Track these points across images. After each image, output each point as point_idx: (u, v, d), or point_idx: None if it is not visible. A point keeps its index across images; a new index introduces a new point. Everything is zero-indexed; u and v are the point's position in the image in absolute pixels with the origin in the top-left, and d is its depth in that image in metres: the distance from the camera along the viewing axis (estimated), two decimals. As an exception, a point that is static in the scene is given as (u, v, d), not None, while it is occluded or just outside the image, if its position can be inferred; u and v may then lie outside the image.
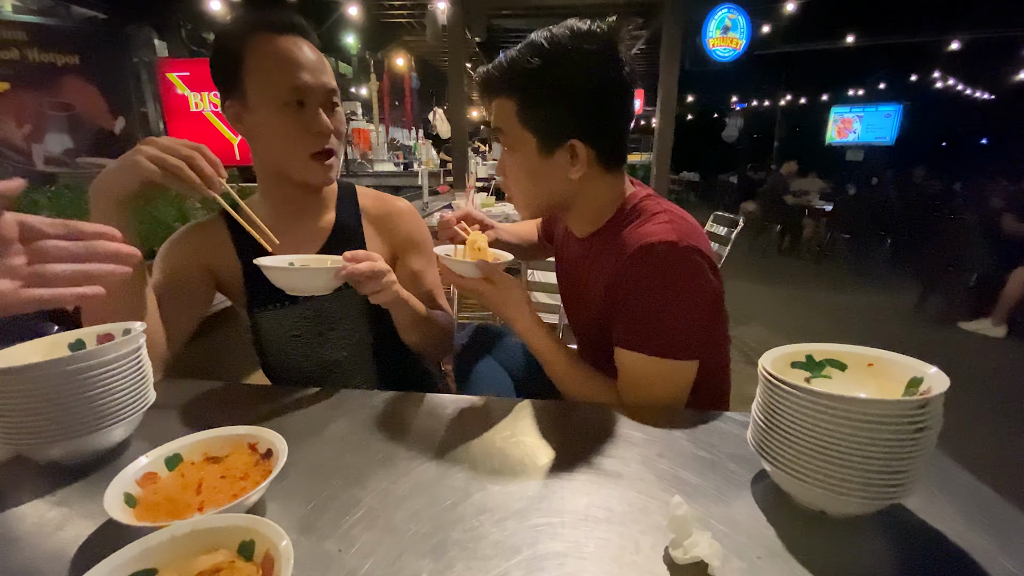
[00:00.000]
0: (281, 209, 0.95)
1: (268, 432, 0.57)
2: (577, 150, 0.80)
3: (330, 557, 0.46)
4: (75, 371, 0.56)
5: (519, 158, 0.84)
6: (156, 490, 0.51)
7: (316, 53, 0.87)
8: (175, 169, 0.70)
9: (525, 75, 0.79)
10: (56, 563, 0.46)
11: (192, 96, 4.28)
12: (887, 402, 0.47)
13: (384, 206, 1.04)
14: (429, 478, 0.58)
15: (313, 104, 0.86)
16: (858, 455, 0.47)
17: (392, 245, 1.02)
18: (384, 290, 0.79)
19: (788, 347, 0.60)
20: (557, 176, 0.83)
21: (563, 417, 0.73)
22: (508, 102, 0.81)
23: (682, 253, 0.74)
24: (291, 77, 0.83)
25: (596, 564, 0.46)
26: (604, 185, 0.86)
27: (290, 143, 0.86)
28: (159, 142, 0.71)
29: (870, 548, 0.49)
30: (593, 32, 0.77)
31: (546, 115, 0.80)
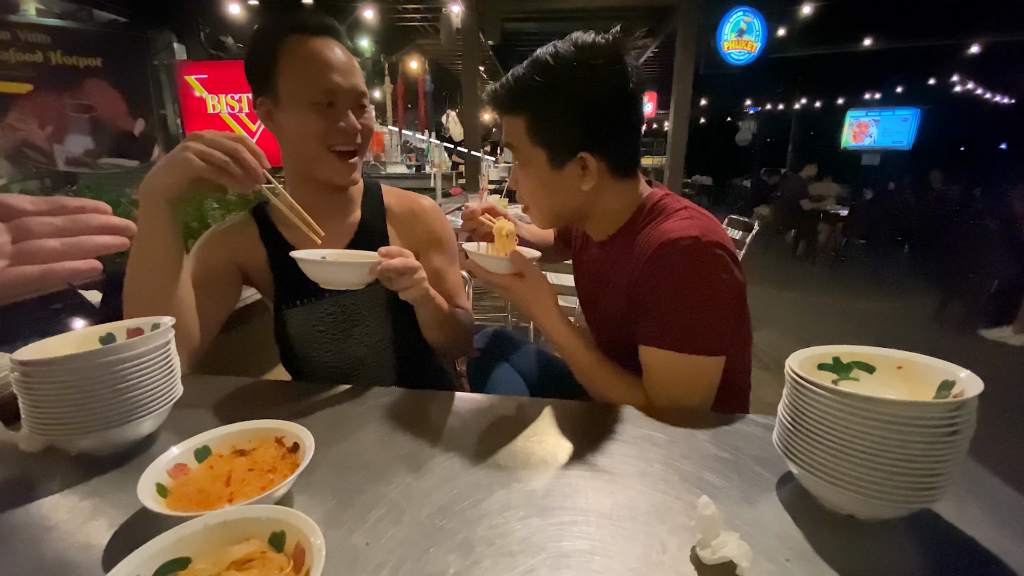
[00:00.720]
0: (308, 207, 0.95)
1: (294, 426, 0.57)
2: (587, 162, 0.81)
3: (358, 550, 0.46)
4: (108, 364, 0.57)
5: (531, 172, 0.85)
6: (187, 481, 0.52)
7: (347, 55, 0.89)
8: (222, 164, 0.71)
9: (532, 93, 0.80)
10: (90, 551, 0.47)
11: (210, 98, 4.34)
12: (921, 404, 0.46)
13: (408, 204, 1.06)
14: (452, 475, 0.58)
15: (343, 105, 0.88)
16: (889, 458, 0.47)
17: (415, 243, 1.03)
18: (414, 286, 0.79)
19: (815, 349, 0.59)
20: (569, 188, 0.84)
21: (584, 417, 0.72)
22: (517, 120, 0.83)
23: (705, 248, 0.74)
24: (322, 78, 0.85)
25: (622, 563, 0.45)
26: (617, 192, 0.86)
27: (317, 141, 0.88)
28: (204, 136, 0.72)
29: (900, 553, 0.48)
30: (597, 45, 0.78)
31: (555, 131, 0.81)
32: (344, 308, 0.97)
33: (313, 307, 0.96)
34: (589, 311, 1.02)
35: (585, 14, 5.86)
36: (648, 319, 0.78)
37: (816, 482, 0.51)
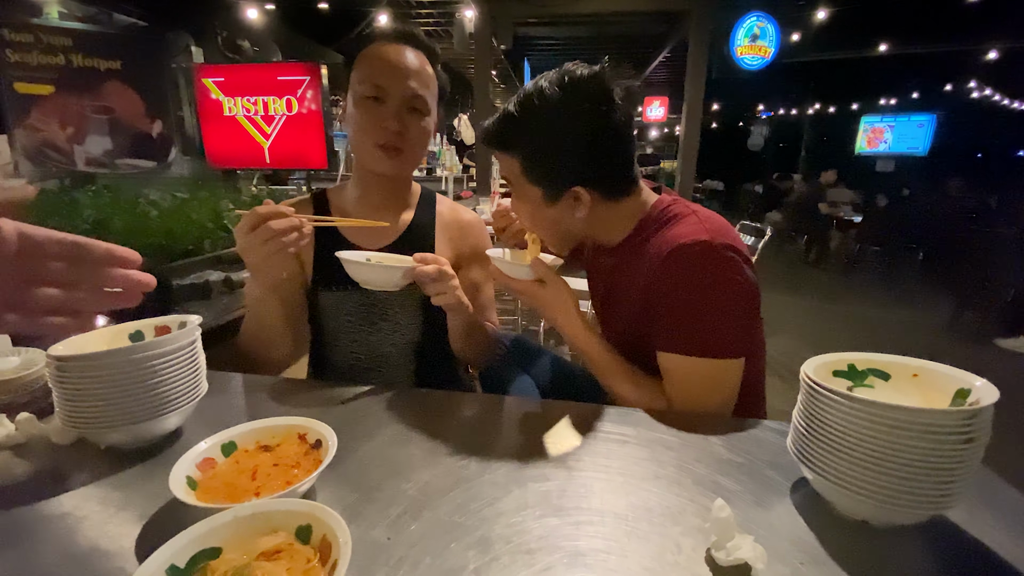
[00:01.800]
0: (365, 199, 1.03)
1: (317, 423, 0.59)
2: (580, 195, 0.83)
3: (379, 545, 0.48)
4: (139, 360, 0.59)
5: (528, 206, 0.88)
6: (214, 475, 0.53)
7: (419, 61, 0.94)
8: (280, 248, 0.75)
9: (522, 135, 0.82)
10: (122, 540, 0.49)
11: (226, 101, 4.39)
12: (937, 412, 0.47)
13: (456, 215, 1.10)
14: (470, 474, 0.59)
15: (392, 103, 0.91)
16: (905, 465, 0.47)
17: (458, 253, 1.07)
18: (447, 293, 0.82)
19: (830, 355, 0.60)
20: (565, 218, 0.86)
21: (598, 420, 0.73)
22: (512, 159, 0.85)
23: (716, 250, 0.75)
24: (373, 74, 0.90)
25: (638, 563, 0.46)
26: (615, 211, 0.87)
27: (362, 133, 0.93)
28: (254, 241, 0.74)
29: (914, 559, 0.49)
30: (582, 84, 0.79)
31: (547, 170, 0.83)
32: (376, 302, 1.00)
33: (347, 295, 0.99)
34: (603, 316, 1.03)
35: (596, 19, 5.87)
36: (664, 325, 0.79)
37: (830, 488, 0.52)
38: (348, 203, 1.04)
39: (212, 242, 2.22)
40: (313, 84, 4.11)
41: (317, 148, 4.25)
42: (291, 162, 4.34)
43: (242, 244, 0.76)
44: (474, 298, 1.07)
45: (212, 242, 2.22)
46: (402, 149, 0.94)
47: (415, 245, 1.00)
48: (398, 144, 0.93)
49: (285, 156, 4.31)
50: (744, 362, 0.78)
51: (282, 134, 4.27)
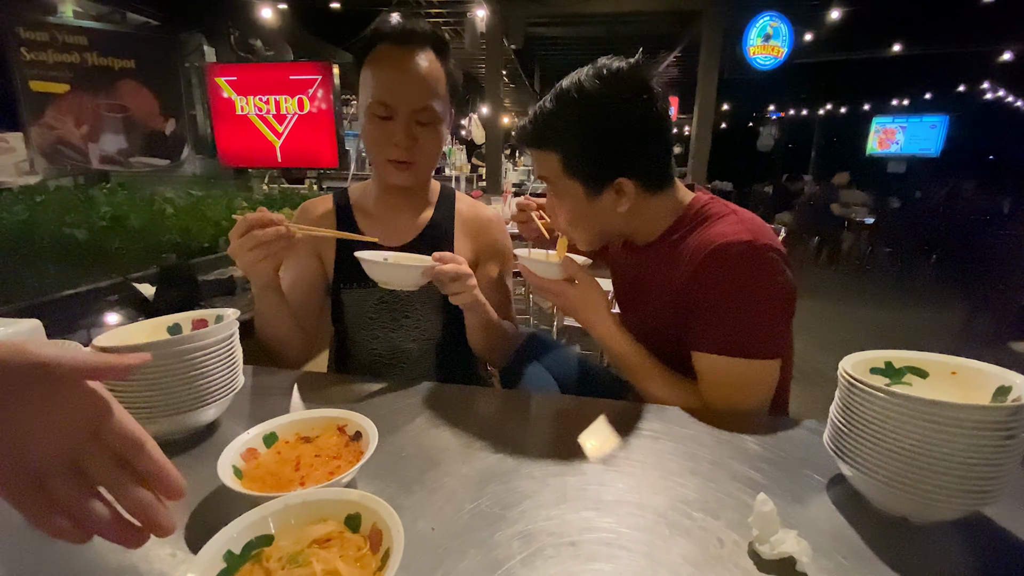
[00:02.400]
0: (385, 199, 1.04)
1: (356, 415, 0.60)
2: (624, 186, 0.82)
3: (424, 535, 0.48)
4: (181, 352, 0.60)
5: (568, 203, 0.86)
6: (258, 465, 0.54)
7: (426, 62, 0.90)
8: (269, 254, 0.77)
9: (561, 130, 0.81)
10: (171, 527, 0.50)
11: (238, 100, 4.43)
12: (979, 407, 0.47)
13: (476, 212, 1.10)
14: (507, 467, 0.60)
15: (400, 118, 0.90)
16: (946, 461, 0.47)
17: (477, 250, 1.07)
18: (465, 292, 0.82)
19: (867, 353, 0.60)
20: (608, 212, 0.85)
21: (630, 416, 0.73)
22: (550, 155, 0.84)
23: (759, 251, 0.74)
24: (380, 92, 0.89)
25: (681, 556, 0.47)
26: (656, 205, 0.86)
27: (374, 146, 0.93)
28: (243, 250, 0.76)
29: (954, 555, 0.49)
30: (622, 75, 0.78)
31: (589, 163, 0.82)
32: (397, 300, 1.01)
33: (369, 292, 1.00)
34: (627, 315, 1.03)
35: (608, 19, 5.86)
36: (701, 325, 0.78)
37: (870, 483, 0.52)
38: (369, 202, 1.05)
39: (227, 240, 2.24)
40: (325, 83, 4.14)
41: (328, 147, 4.28)
42: (302, 161, 4.38)
43: (232, 248, 0.77)
44: (493, 295, 1.06)
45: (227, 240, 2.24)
46: (413, 162, 0.94)
47: (434, 243, 1.01)
48: (408, 159, 0.93)
49: (296, 155, 4.35)
50: (780, 363, 0.77)
51: (294, 133, 4.30)
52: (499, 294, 1.09)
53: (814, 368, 2.95)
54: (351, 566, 0.40)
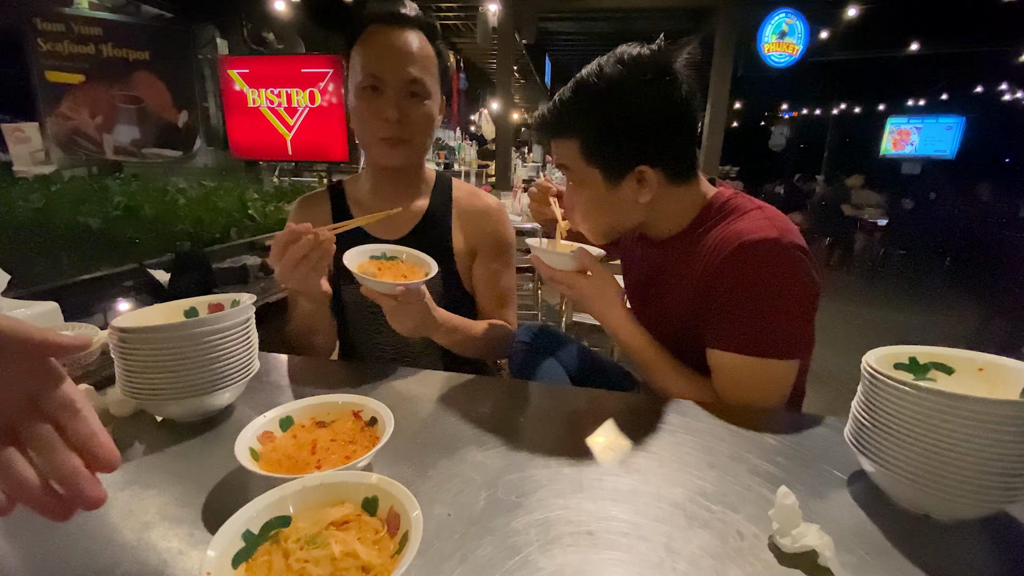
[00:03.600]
0: (378, 189, 1.03)
1: (371, 401, 0.59)
2: (645, 175, 0.80)
3: (441, 520, 0.48)
4: (199, 334, 0.61)
5: (587, 192, 0.85)
6: (274, 448, 0.54)
7: (417, 42, 0.91)
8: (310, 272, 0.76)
9: (581, 116, 0.80)
10: (189, 508, 0.50)
11: (250, 92, 4.45)
12: (1009, 403, 0.46)
13: (474, 201, 1.07)
14: (522, 457, 0.59)
15: (390, 92, 0.89)
16: (972, 457, 0.46)
17: (474, 241, 1.05)
18: (400, 322, 0.79)
19: (891, 348, 0.59)
20: (628, 202, 0.83)
21: (646, 409, 0.73)
22: (569, 143, 0.82)
23: (786, 250, 0.73)
24: (369, 63, 0.89)
25: (701, 548, 0.46)
26: (677, 197, 0.84)
27: (364, 126, 0.92)
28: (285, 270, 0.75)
29: (979, 554, 0.48)
30: (644, 60, 0.76)
31: (609, 149, 0.80)
32: None
33: None
34: (640, 310, 1.02)
35: (621, 14, 5.82)
36: (722, 322, 0.77)
37: (893, 480, 0.51)
38: (363, 194, 1.04)
39: (239, 230, 2.26)
40: (335, 77, 4.14)
41: (339, 140, 4.29)
42: (313, 154, 4.39)
43: (278, 273, 0.76)
44: (492, 287, 1.05)
45: (239, 230, 2.26)
46: (405, 139, 0.93)
47: (431, 233, 0.99)
48: (400, 135, 0.92)
49: (307, 148, 4.36)
50: (799, 363, 0.76)
51: (304, 126, 4.32)
52: (496, 289, 1.06)
53: (826, 370, 2.92)
54: (369, 548, 0.40)
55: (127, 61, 4.47)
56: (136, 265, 1.20)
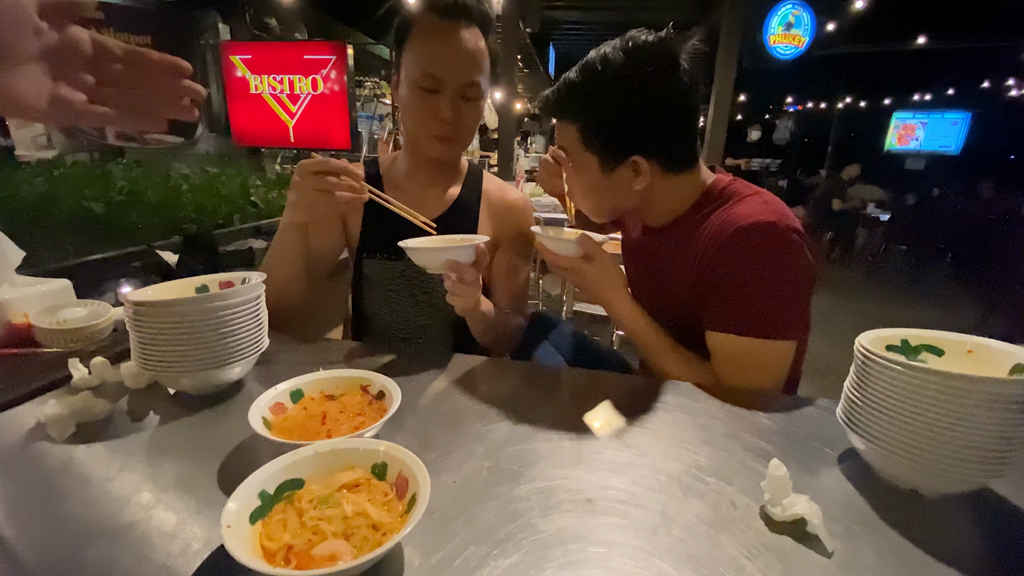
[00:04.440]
0: (414, 173, 1.05)
1: (379, 376, 0.61)
2: (639, 165, 0.81)
3: (446, 487, 0.50)
4: (211, 309, 0.62)
5: (583, 176, 0.87)
6: (286, 418, 0.56)
7: (474, 41, 0.91)
8: (336, 198, 0.79)
9: (582, 101, 0.81)
10: (205, 474, 0.52)
11: (252, 79, 4.43)
12: (996, 380, 0.47)
13: (503, 194, 1.10)
14: (524, 431, 0.61)
15: (447, 93, 0.91)
16: (960, 433, 0.48)
17: (499, 232, 1.07)
18: (463, 298, 0.81)
19: (883, 330, 0.60)
20: (622, 189, 0.85)
21: (642, 390, 0.75)
22: (569, 126, 0.84)
23: (783, 233, 0.74)
24: (429, 64, 0.89)
25: (695, 515, 0.48)
26: (673, 186, 0.86)
27: (417, 123, 0.94)
28: (310, 173, 0.79)
29: (963, 527, 0.50)
30: (648, 49, 0.77)
31: (606, 137, 0.81)
32: (419, 276, 1.02)
33: (392, 264, 1.01)
34: (640, 294, 1.03)
35: (627, 3, 5.78)
36: (720, 304, 0.78)
37: (882, 456, 0.53)
38: (398, 176, 1.06)
39: (242, 217, 2.27)
40: (339, 64, 4.13)
41: (341, 128, 4.28)
42: (315, 142, 4.38)
43: (298, 181, 0.79)
44: (507, 283, 1.08)
45: (242, 217, 2.27)
46: (457, 137, 0.95)
47: (460, 220, 1.02)
48: (453, 134, 0.94)
49: (309, 136, 4.35)
50: (796, 344, 0.78)
51: (307, 113, 4.30)
52: (514, 282, 1.09)
53: (825, 364, 2.94)
54: (379, 509, 0.42)
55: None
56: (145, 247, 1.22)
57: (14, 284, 0.85)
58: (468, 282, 0.79)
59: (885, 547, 0.45)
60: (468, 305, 0.83)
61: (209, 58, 5.06)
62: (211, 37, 5.20)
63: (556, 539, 0.44)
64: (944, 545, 0.46)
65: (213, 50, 4.98)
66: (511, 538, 0.44)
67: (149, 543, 0.42)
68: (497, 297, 1.08)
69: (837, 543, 0.45)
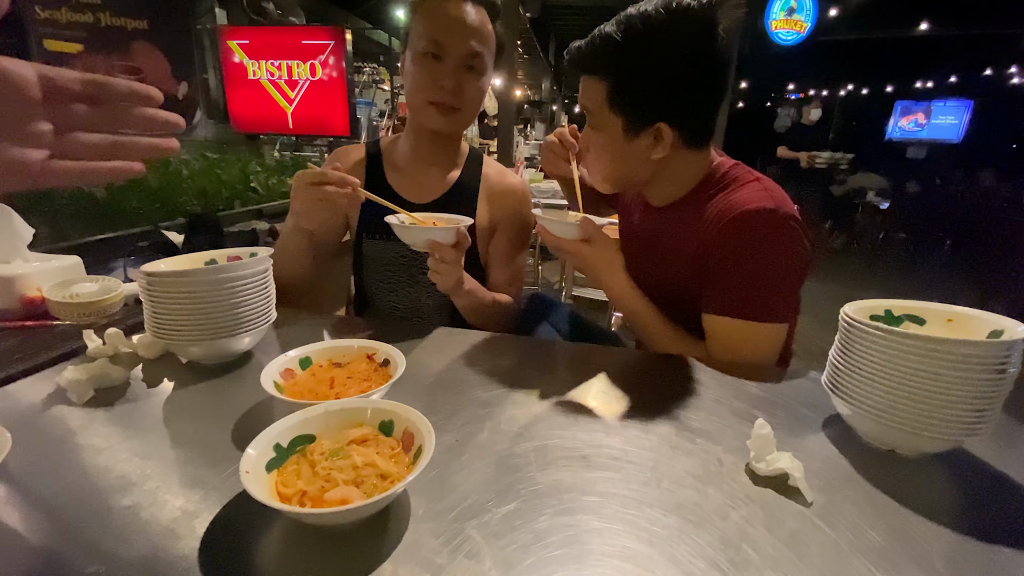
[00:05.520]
0: (416, 153, 1.06)
1: (384, 345, 0.64)
2: (663, 133, 0.80)
3: (449, 445, 0.53)
4: (222, 279, 0.65)
5: (603, 138, 0.85)
6: (296, 383, 0.59)
7: (479, 15, 0.93)
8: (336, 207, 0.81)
9: (616, 57, 0.78)
10: (220, 434, 0.54)
11: (250, 64, 4.39)
12: (973, 342, 0.50)
13: (502, 179, 1.11)
14: (522, 396, 0.64)
15: (450, 62, 0.92)
16: (939, 395, 0.51)
17: (497, 217, 1.08)
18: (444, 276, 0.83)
19: (867, 301, 0.63)
20: (640, 156, 0.83)
21: (636, 360, 0.78)
22: (598, 83, 0.81)
23: (782, 220, 0.75)
24: (432, 29, 0.91)
25: (684, 470, 0.51)
26: (688, 161, 0.86)
27: (418, 90, 0.94)
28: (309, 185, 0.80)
29: (937, 483, 0.52)
30: (691, 11, 0.75)
31: (635, 99, 0.79)
32: (416, 257, 1.03)
33: (390, 245, 1.03)
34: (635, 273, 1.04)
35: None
36: (718, 288, 0.80)
37: (863, 418, 0.55)
38: (399, 156, 1.07)
39: (242, 202, 2.29)
40: (337, 49, 4.09)
41: (340, 115, 4.25)
42: (314, 128, 4.36)
43: (298, 190, 0.81)
44: (505, 264, 1.09)
45: (242, 202, 2.29)
46: (456, 108, 0.96)
47: (459, 203, 1.03)
48: (453, 103, 0.94)
49: (308, 122, 4.33)
50: (787, 326, 0.80)
51: (305, 99, 4.27)
52: (510, 268, 1.10)
53: (819, 348, 2.97)
54: (386, 461, 0.45)
55: (125, 30, 4.39)
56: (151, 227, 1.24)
57: (27, 260, 0.87)
58: (448, 261, 0.81)
59: (863, 499, 0.48)
60: (448, 284, 0.85)
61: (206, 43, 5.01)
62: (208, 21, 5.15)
63: (552, 489, 0.47)
64: (918, 498, 0.49)
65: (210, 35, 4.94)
66: (510, 488, 0.47)
67: (171, 491, 0.45)
68: (493, 280, 1.10)
69: (817, 495, 0.48)
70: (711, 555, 0.40)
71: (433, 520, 0.43)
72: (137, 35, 4.39)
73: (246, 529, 0.41)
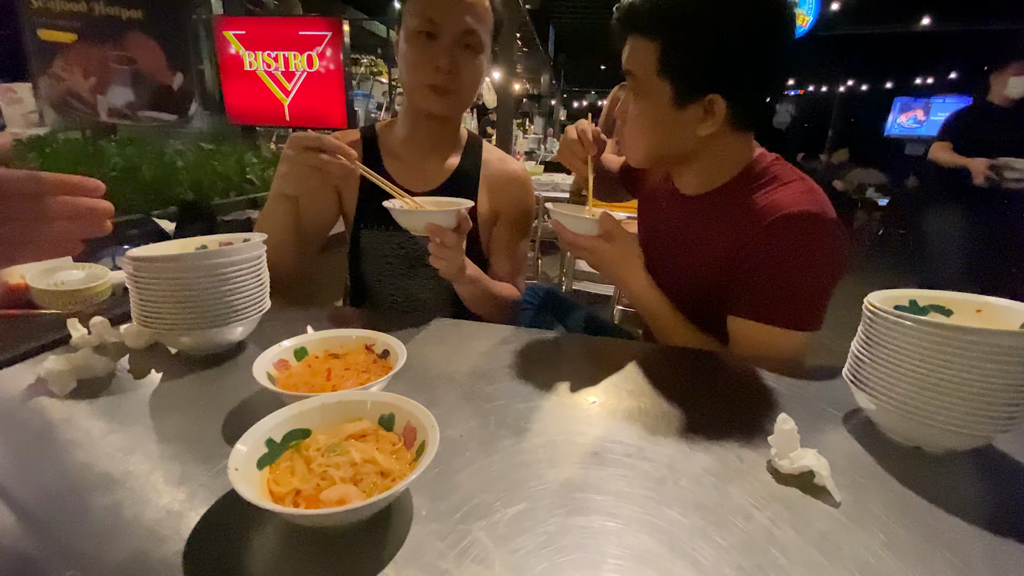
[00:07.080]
0: (413, 139, 1.02)
1: (383, 335, 0.61)
2: (715, 106, 0.74)
3: (453, 440, 0.50)
4: (213, 266, 0.61)
5: (647, 106, 0.78)
6: (290, 375, 0.56)
7: None
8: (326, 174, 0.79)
9: (675, 16, 0.71)
10: (210, 428, 0.51)
11: (246, 55, 4.31)
12: (1005, 333, 0.47)
13: (503, 166, 1.07)
14: (529, 390, 0.61)
15: (444, 40, 0.88)
16: (967, 388, 0.48)
17: (498, 205, 1.05)
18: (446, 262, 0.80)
19: (892, 291, 0.60)
20: (685, 130, 0.77)
21: (649, 353, 0.75)
22: (649, 44, 0.74)
23: (827, 227, 0.71)
24: (427, 7, 0.87)
25: (703, 468, 0.48)
26: (733, 144, 0.80)
27: (413, 71, 0.91)
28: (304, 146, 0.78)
29: (967, 482, 0.50)
30: None
31: (689, 65, 0.73)
32: (416, 247, 1.01)
33: (389, 236, 1.00)
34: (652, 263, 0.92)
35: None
36: (751, 291, 0.76)
37: (889, 413, 0.53)
38: (396, 142, 1.03)
39: (238, 194, 2.25)
40: (334, 41, 4.04)
41: (337, 107, 4.20)
42: (311, 120, 4.30)
43: (290, 154, 0.78)
44: (506, 253, 1.06)
45: (238, 194, 2.25)
46: (453, 90, 0.92)
47: (459, 191, 0.99)
48: (449, 85, 0.91)
49: (305, 114, 4.27)
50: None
51: (302, 91, 4.22)
52: (511, 256, 1.07)
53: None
54: (387, 457, 0.42)
55: (120, 20, 4.32)
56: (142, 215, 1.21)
57: (9, 247, 0.83)
58: (450, 245, 0.78)
59: (892, 498, 0.46)
60: (451, 270, 0.82)
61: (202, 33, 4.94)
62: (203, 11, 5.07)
63: (563, 488, 0.44)
64: (951, 497, 0.46)
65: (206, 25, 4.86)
66: (518, 487, 0.44)
67: (155, 490, 0.42)
68: (494, 268, 1.07)
69: (844, 494, 0.45)
70: (736, 560, 0.38)
71: (437, 521, 0.40)
72: (132, 25, 4.31)
73: (235, 531, 0.38)
